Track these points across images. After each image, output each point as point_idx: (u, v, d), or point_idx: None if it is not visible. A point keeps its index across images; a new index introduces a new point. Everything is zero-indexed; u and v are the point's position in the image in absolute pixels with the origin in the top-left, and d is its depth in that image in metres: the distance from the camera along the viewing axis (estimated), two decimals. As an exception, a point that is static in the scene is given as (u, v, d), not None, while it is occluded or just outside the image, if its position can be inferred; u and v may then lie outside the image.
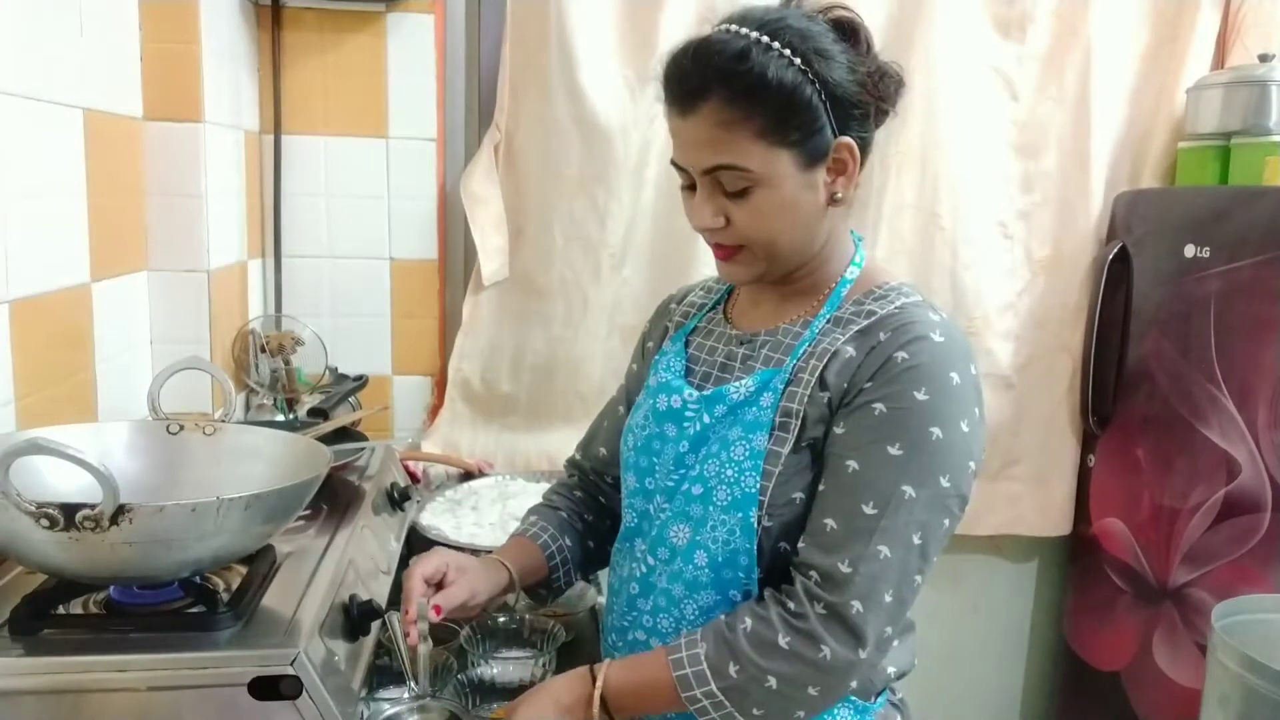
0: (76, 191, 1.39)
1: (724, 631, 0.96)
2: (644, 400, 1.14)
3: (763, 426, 1.00)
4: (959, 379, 0.96)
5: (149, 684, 0.89)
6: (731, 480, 1.00)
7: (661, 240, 2.07)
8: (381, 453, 1.64)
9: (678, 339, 1.17)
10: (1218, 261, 1.83)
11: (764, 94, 0.93)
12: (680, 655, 0.96)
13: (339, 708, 0.91)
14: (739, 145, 0.95)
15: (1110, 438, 2.13)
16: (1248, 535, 1.80)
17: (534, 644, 1.36)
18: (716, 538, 1.01)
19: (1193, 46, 2.09)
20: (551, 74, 1.97)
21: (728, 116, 0.94)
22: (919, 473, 0.93)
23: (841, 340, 1.00)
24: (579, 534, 1.25)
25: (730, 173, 0.96)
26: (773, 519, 0.99)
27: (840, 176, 0.99)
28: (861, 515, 0.93)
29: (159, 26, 1.60)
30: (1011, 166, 2.14)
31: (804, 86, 0.94)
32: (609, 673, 0.99)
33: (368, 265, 2.04)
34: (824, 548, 0.94)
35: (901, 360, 0.95)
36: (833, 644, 0.92)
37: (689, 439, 1.06)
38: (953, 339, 0.98)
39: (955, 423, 0.94)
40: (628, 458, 1.14)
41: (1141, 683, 2.02)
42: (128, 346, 1.58)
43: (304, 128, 1.97)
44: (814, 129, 0.95)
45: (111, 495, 0.85)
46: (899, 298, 1.02)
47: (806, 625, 0.92)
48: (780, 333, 1.06)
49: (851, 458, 0.95)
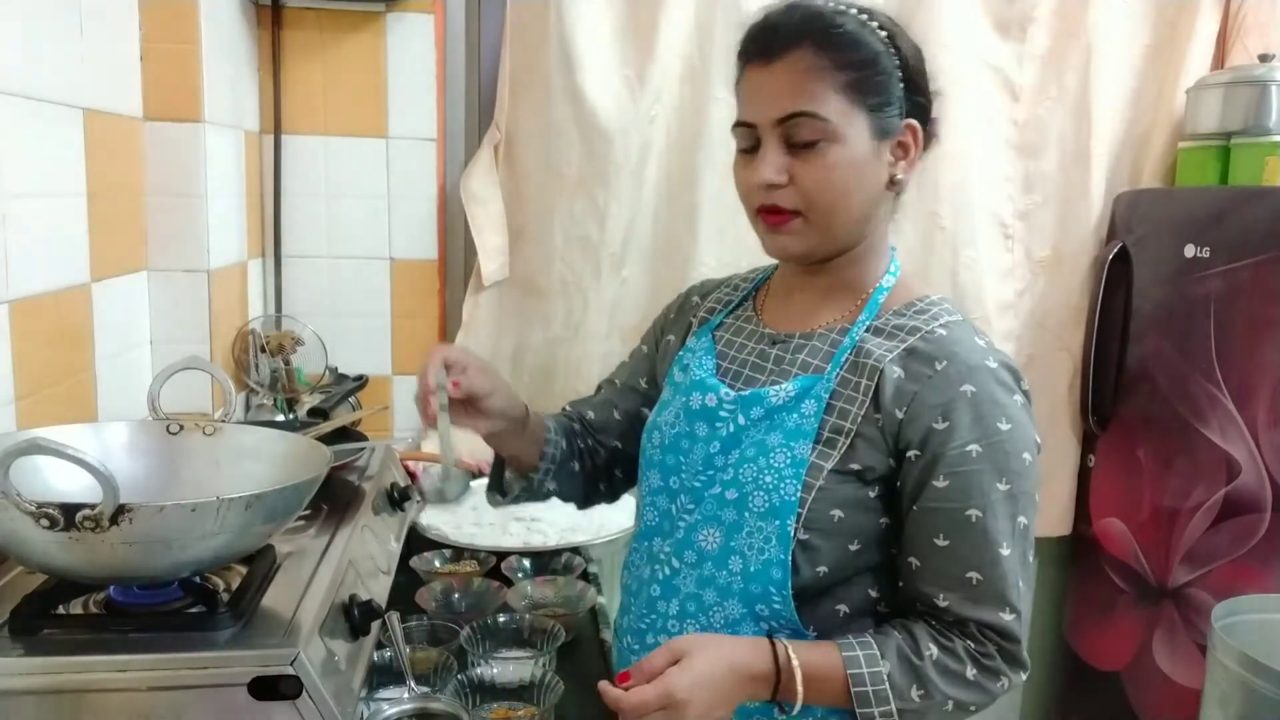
0: (76, 191, 1.39)
1: (910, 656, 0.95)
2: (673, 398, 1.11)
3: (806, 435, 0.98)
4: (1021, 400, 0.98)
5: (149, 684, 0.89)
6: (770, 487, 0.98)
7: (661, 240, 2.07)
8: (381, 453, 1.64)
9: (703, 334, 1.15)
10: (1218, 261, 1.84)
11: (854, 51, 0.96)
12: (861, 671, 0.94)
13: (339, 708, 0.91)
14: (822, 94, 0.96)
15: (1110, 438, 2.13)
16: (1248, 535, 1.80)
17: (534, 644, 1.36)
18: (752, 544, 1.00)
19: (1193, 46, 2.09)
20: (551, 74, 1.97)
21: (815, 63, 0.96)
22: (1027, 500, 0.97)
23: (888, 358, 0.98)
24: (575, 451, 1.22)
25: (808, 120, 0.96)
26: (810, 533, 0.98)
27: (903, 160, 1.01)
28: (1001, 560, 0.95)
29: (159, 26, 1.60)
30: (1011, 166, 2.14)
31: (888, 57, 0.98)
32: (800, 655, 0.95)
33: (368, 265, 2.04)
34: (978, 600, 0.96)
35: (971, 394, 0.95)
36: (1010, 676, 0.98)
37: (720, 439, 1.04)
38: (1003, 362, 0.99)
39: (1033, 441, 0.98)
40: (652, 455, 1.12)
41: (1141, 683, 2.02)
42: (128, 346, 1.58)
43: (304, 128, 1.97)
44: (889, 100, 0.98)
45: (111, 495, 0.85)
46: (943, 315, 1.02)
47: (993, 664, 0.96)
48: (817, 337, 1.04)
49: (972, 507, 0.95)
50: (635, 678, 0.92)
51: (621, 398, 1.26)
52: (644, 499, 1.14)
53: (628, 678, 0.93)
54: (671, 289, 2.05)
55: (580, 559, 1.62)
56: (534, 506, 1.81)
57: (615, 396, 1.25)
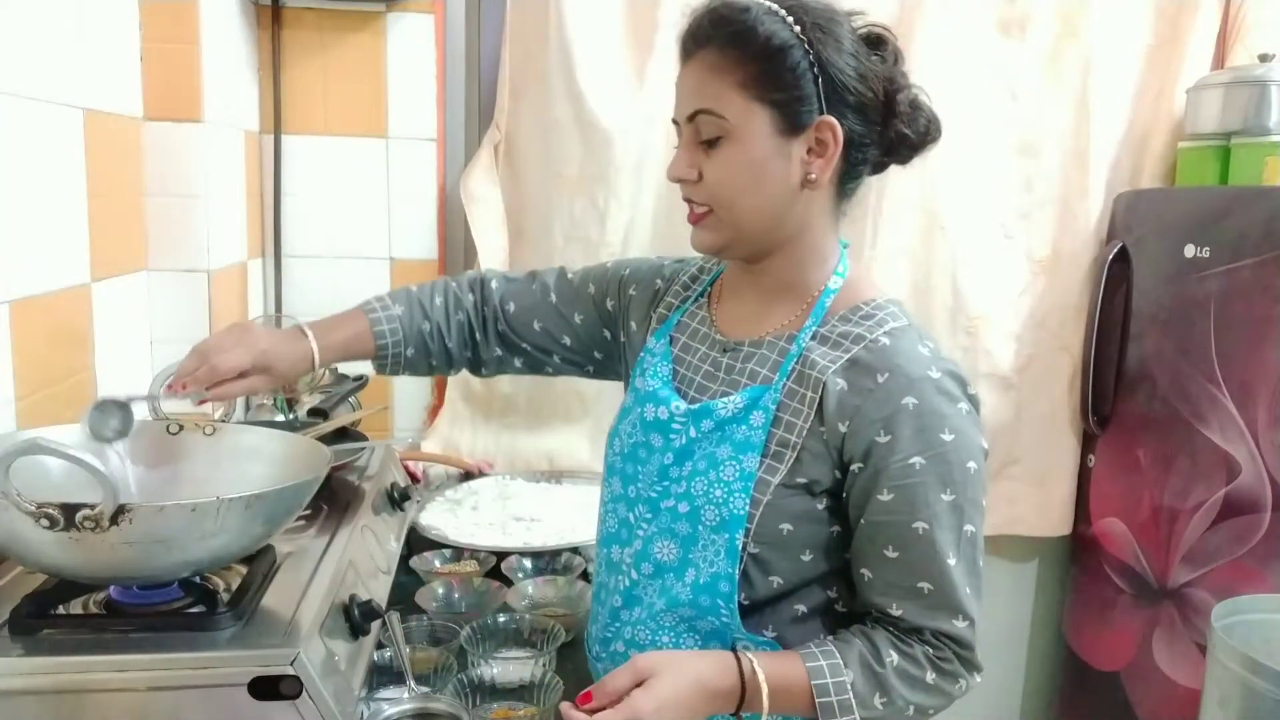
0: (76, 191, 1.39)
1: (872, 663, 0.96)
2: (632, 407, 1.12)
3: (754, 448, 0.99)
4: (966, 407, 0.98)
5: (149, 684, 0.89)
6: (720, 500, 0.99)
7: (661, 240, 2.07)
8: (381, 453, 1.64)
9: (661, 335, 1.15)
10: (1218, 261, 1.83)
11: (754, 45, 0.95)
12: (825, 681, 0.95)
13: (339, 708, 0.91)
14: (721, 92, 0.96)
15: (1110, 438, 2.13)
16: (1248, 535, 1.80)
17: (534, 644, 1.36)
18: (705, 557, 1.01)
19: (1193, 46, 2.09)
20: (551, 74, 1.97)
21: (717, 61, 0.97)
22: (972, 509, 0.98)
23: (831, 369, 0.98)
24: (423, 310, 1.24)
25: (707, 118, 0.97)
26: (760, 546, 0.99)
27: (819, 159, 0.98)
28: (949, 569, 0.96)
29: (159, 26, 1.60)
30: (1011, 166, 2.14)
31: (794, 50, 0.95)
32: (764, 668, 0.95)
33: (368, 265, 2.04)
34: (933, 609, 0.97)
35: (913, 406, 0.95)
36: (967, 679, 1.00)
37: (674, 451, 1.05)
38: (947, 371, 0.98)
39: (979, 449, 0.98)
40: (613, 462, 1.13)
41: (1141, 683, 2.02)
42: (128, 346, 1.58)
43: (304, 128, 1.97)
44: (797, 95, 0.95)
45: (111, 495, 0.85)
46: (887, 321, 1.00)
47: (951, 667, 0.99)
48: (765, 345, 1.05)
49: (918, 519, 0.95)
50: (597, 697, 0.91)
51: (551, 316, 1.25)
52: (605, 504, 1.15)
53: (589, 698, 0.92)
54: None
55: (580, 559, 1.62)
56: (534, 507, 1.81)
57: (545, 311, 1.25)
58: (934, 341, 1.02)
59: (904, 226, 2.11)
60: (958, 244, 2.12)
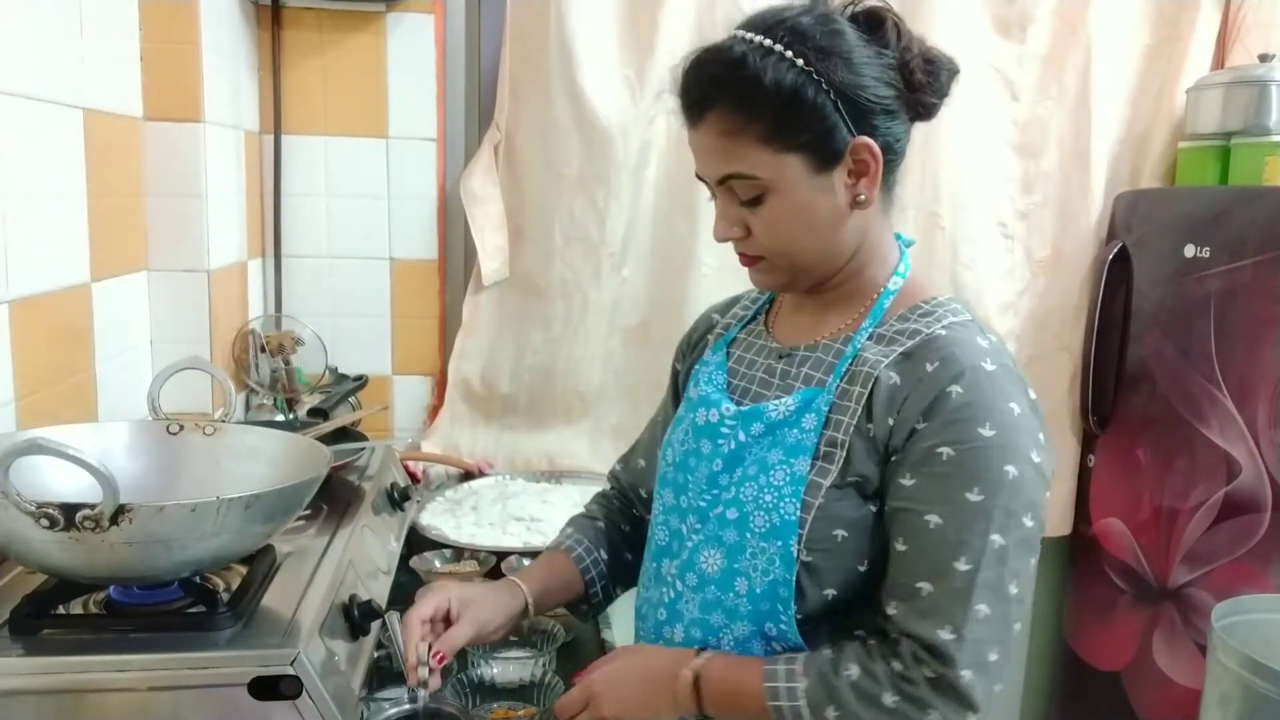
0: (76, 191, 1.39)
1: (828, 673, 0.91)
2: (684, 414, 1.09)
3: (805, 451, 0.95)
4: (1019, 409, 0.91)
5: (149, 684, 0.89)
6: (770, 506, 0.95)
7: (661, 240, 2.07)
8: (381, 453, 1.64)
9: (719, 348, 1.12)
10: (1218, 261, 1.83)
11: (762, 99, 0.90)
12: (778, 685, 0.91)
13: (339, 708, 0.91)
14: (745, 153, 0.93)
15: (1110, 438, 2.13)
16: (1248, 535, 1.80)
17: (534, 644, 1.36)
18: (756, 566, 0.96)
19: (1193, 46, 2.09)
20: (551, 74, 1.97)
21: (729, 125, 0.92)
22: (1004, 519, 0.89)
23: (885, 363, 0.94)
24: (615, 546, 1.21)
25: (740, 181, 0.94)
26: (813, 554, 0.93)
27: (863, 178, 0.95)
28: (956, 574, 0.88)
29: (159, 26, 1.60)
30: (1011, 166, 2.14)
31: (806, 88, 0.90)
32: (711, 663, 0.96)
33: (368, 265, 2.04)
34: (922, 613, 0.89)
35: (956, 395, 0.89)
36: (943, 710, 0.89)
37: (723, 457, 1.01)
38: (1005, 366, 0.93)
39: (1026, 456, 0.90)
40: (665, 473, 1.09)
41: (1141, 683, 2.02)
42: (128, 346, 1.58)
43: (304, 128, 1.97)
44: (823, 129, 0.92)
45: (111, 495, 0.85)
46: (946, 316, 0.96)
47: (915, 691, 0.88)
48: (821, 348, 1.01)
49: (932, 512, 0.89)
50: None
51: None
52: (656, 518, 1.10)
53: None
54: (671, 289, 2.07)
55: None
56: (534, 507, 1.81)
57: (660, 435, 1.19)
58: (998, 337, 0.97)
59: (904, 226, 2.11)
60: (958, 244, 2.12)
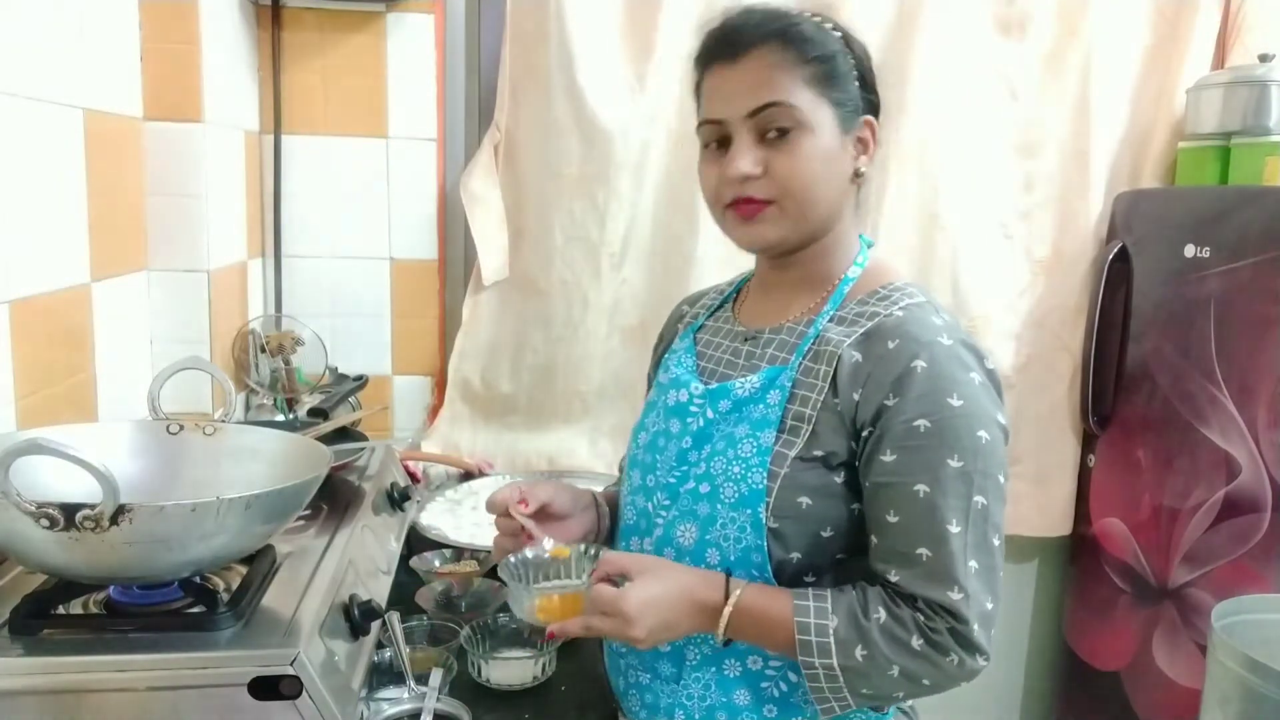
0: (76, 191, 1.39)
1: (858, 614, 0.95)
2: (656, 398, 1.15)
3: (770, 424, 1.00)
4: (979, 377, 0.97)
5: (149, 684, 0.89)
6: (738, 477, 1.00)
7: (661, 240, 2.07)
8: (381, 453, 1.64)
9: (686, 335, 1.18)
10: (1218, 261, 1.83)
11: (812, 49, 1.00)
12: (808, 620, 0.95)
13: (339, 708, 0.91)
14: (791, 85, 0.99)
15: (1110, 438, 2.13)
16: (1248, 535, 1.79)
17: (534, 644, 1.36)
18: (728, 535, 1.01)
19: (1193, 46, 2.09)
20: (551, 74, 1.97)
21: (782, 58, 1.00)
22: (983, 480, 0.95)
23: (846, 343, 1.00)
24: None
25: (780, 110, 0.99)
26: (779, 521, 0.99)
27: (863, 155, 1.05)
28: (951, 537, 0.94)
29: (159, 26, 1.60)
30: (1011, 166, 2.14)
31: (844, 57, 1.02)
32: (746, 593, 0.97)
33: (368, 265, 2.04)
34: (928, 577, 0.95)
35: (921, 370, 0.95)
36: (961, 654, 0.95)
37: (692, 435, 1.06)
38: (960, 340, 0.99)
39: (993, 418, 0.97)
40: (635, 454, 1.14)
41: (1141, 683, 2.02)
42: (128, 346, 1.58)
43: (304, 128, 1.97)
44: (849, 95, 1.03)
45: (111, 495, 0.85)
46: (903, 299, 1.03)
47: (940, 638, 0.95)
48: (785, 331, 1.07)
49: (920, 482, 0.94)
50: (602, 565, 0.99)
51: None
52: (624, 498, 1.16)
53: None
54: (671, 289, 2.07)
55: (580, 559, 1.62)
56: (534, 506, 1.81)
57: None
58: (951, 317, 1.03)
59: (904, 226, 2.11)
60: (958, 244, 2.12)
